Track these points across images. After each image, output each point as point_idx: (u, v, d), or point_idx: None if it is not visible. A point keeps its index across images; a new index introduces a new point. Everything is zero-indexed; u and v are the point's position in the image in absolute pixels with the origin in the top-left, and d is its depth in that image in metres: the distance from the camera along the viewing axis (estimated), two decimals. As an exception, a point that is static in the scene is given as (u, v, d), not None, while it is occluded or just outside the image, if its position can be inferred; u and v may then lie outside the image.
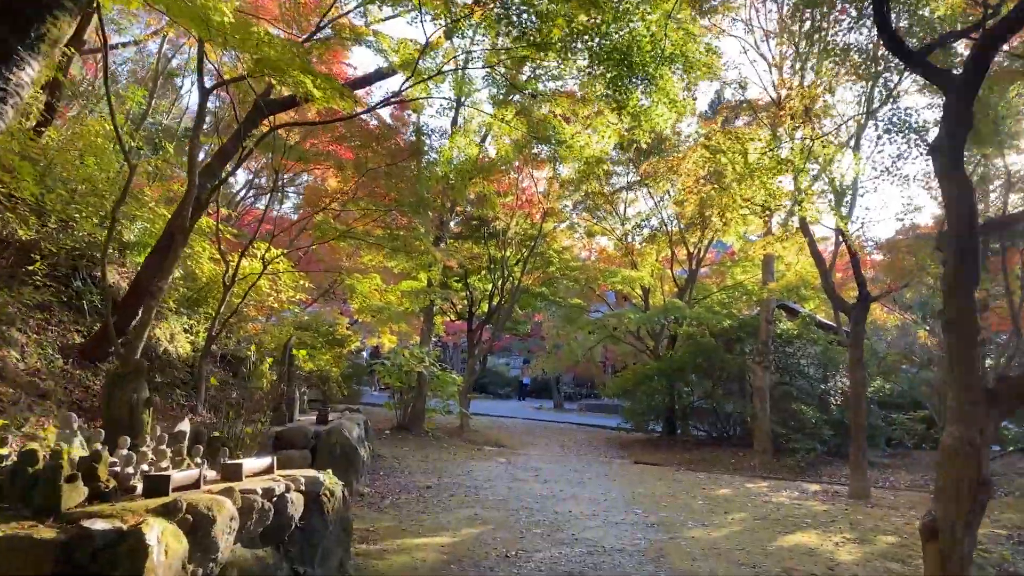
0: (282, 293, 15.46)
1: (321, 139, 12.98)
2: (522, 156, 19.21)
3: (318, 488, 5.80)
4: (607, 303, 26.60)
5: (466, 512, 9.29)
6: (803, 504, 11.25)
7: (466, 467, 13.98)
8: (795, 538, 8.48)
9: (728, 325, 18.75)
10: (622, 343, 24.04)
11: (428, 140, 15.02)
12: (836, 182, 10.86)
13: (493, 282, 22.27)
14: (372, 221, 13.14)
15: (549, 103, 9.91)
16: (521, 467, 14.45)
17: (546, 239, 22.82)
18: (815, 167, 10.81)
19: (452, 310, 25.26)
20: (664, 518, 9.40)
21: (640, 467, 15.93)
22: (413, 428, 17.31)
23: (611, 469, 15.09)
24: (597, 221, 23.66)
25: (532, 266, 22.40)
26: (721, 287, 22.49)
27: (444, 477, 12.51)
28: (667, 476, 14.38)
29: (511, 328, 29.93)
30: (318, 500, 5.79)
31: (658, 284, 22.78)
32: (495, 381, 40.67)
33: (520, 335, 37.88)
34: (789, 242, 15.76)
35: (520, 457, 16.34)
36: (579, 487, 12.06)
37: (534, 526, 8.57)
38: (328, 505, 5.87)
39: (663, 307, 20.09)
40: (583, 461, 16.54)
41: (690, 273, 21.63)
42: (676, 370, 19.61)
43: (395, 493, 10.69)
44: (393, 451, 15.41)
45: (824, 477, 15.68)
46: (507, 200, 21.48)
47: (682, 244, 21.57)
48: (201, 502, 4.41)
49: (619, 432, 21.95)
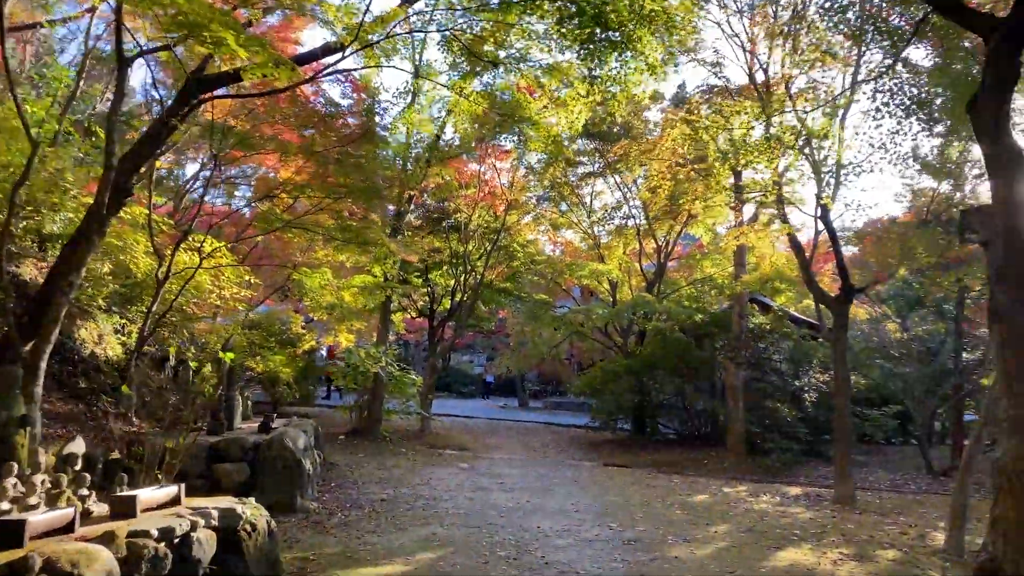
0: (225, 290, 14.29)
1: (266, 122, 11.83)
2: (484, 146, 18.27)
3: (235, 522, 4.80)
4: (573, 298, 25.75)
5: (423, 531, 8.31)
6: (787, 511, 10.48)
7: (425, 475, 13.00)
8: (788, 555, 7.67)
9: (699, 320, 17.99)
10: (589, 339, 23.21)
11: (381, 119, 13.91)
12: (820, 161, 10.06)
13: (455, 277, 21.26)
14: (323, 212, 12.06)
15: (513, 73, 8.96)
16: (484, 473, 13.51)
17: (510, 232, 21.87)
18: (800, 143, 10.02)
19: (413, 307, 24.20)
20: (642, 533, 8.53)
21: (610, 470, 15.09)
22: (369, 433, 16.24)
23: (580, 473, 14.22)
24: (563, 213, 22.76)
25: (495, 260, 21.44)
26: (690, 281, 21.74)
27: (401, 487, 11.51)
28: (640, 480, 13.55)
29: (474, 325, 28.90)
30: (235, 537, 4.78)
31: (626, 278, 21.97)
32: (459, 380, 39.65)
33: (484, 332, 36.89)
34: (764, 232, 15.06)
35: (483, 462, 15.40)
36: (547, 496, 11.15)
37: (499, 547, 7.64)
38: (249, 543, 4.87)
39: (632, 302, 19.29)
40: (550, 465, 15.65)
41: (659, 266, 20.85)
42: (645, 367, 18.82)
43: (345, 509, 9.67)
44: (347, 458, 14.35)
45: (802, 478, 15.02)
46: (469, 192, 20.51)
47: (650, 237, 20.78)
48: (64, 556, 3.39)
49: (586, 431, 21.13)
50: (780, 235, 18.76)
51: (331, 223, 12.76)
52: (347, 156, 11.26)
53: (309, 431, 11.90)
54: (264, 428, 10.50)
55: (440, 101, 13.35)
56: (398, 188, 15.70)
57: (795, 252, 12.28)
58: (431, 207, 22.08)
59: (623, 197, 21.34)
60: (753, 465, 15.79)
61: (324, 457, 13.10)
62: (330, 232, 12.49)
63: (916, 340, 17.34)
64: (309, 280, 13.70)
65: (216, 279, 14.09)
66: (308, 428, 11.95)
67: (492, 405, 32.37)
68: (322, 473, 12.06)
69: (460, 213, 20.53)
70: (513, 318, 28.69)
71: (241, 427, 10.98)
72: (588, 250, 23.37)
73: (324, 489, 11.12)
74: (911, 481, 14.66)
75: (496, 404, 33.07)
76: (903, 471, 15.73)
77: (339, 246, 13.31)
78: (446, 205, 21.30)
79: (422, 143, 16.30)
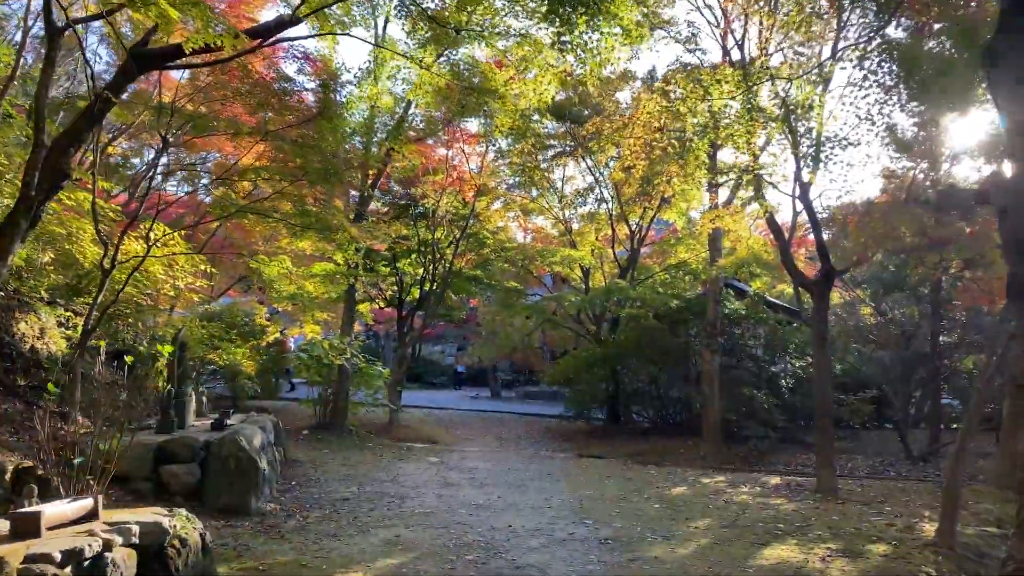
0: (179, 280, 13.56)
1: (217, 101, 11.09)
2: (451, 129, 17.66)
3: (162, 538, 4.21)
4: (545, 286, 25.25)
5: (386, 534, 7.76)
6: (769, 503, 10.08)
7: (392, 470, 12.44)
8: (774, 552, 7.24)
9: (675, 306, 17.58)
10: (562, 327, 22.73)
11: (340, 97, 13.11)
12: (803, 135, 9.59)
13: (424, 265, 20.64)
14: (283, 197, 11.36)
15: (477, 42, 8.33)
16: (455, 468, 12.98)
17: (479, 219, 21.30)
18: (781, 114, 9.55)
19: (381, 297, 23.53)
20: (619, 531, 8.06)
21: (585, 462, 14.65)
22: (335, 427, 15.60)
23: (554, 466, 13.74)
24: (533, 199, 22.22)
25: (465, 247, 20.85)
26: (664, 267, 21.32)
27: (366, 485, 10.94)
28: (615, 472, 13.11)
29: (445, 315, 28.29)
30: (161, 555, 4.19)
31: (598, 264, 21.50)
32: (430, 370, 39.06)
33: (455, 322, 36.32)
34: (740, 214, 14.66)
35: (454, 455, 14.87)
36: (519, 492, 10.65)
37: (467, 549, 7.11)
38: (177, 560, 4.28)
39: (605, 288, 18.82)
40: (523, 457, 15.17)
41: (632, 252, 20.39)
42: (619, 355, 18.39)
43: (305, 510, 9.08)
44: (311, 454, 13.73)
45: (780, 466, 14.73)
46: (438, 178, 19.90)
47: (623, 222, 20.31)
48: (-71, 594, 2.79)
49: (560, 421, 20.68)
50: (757, 217, 18.46)
51: (290, 208, 12.07)
52: (303, 136, 10.58)
53: (268, 427, 11.26)
54: (218, 426, 9.84)
55: (403, 80, 12.71)
56: (360, 171, 15.01)
57: (773, 233, 11.86)
58: (398, 193, 21.43)
59: (595, 180, 20.82)
60: (730, 453, 15.47)
61: (285, 454, 12.47)
62: (288, 218, 11.80)
63: (892, 324, 17.09)
64: (268, 269, 13.00)
65: (170, 269, 13.37)
66: (267, 424, 11.32)
67: (464, 396, 31.83)
68: (283, 471, 11.44)
69: (428, 199, 19.91)
70: (484, 307, 28.14)
71: (195, 425, 10.31)
72: (559, 236, 22.88)
73: (284, 488, 10.51)
74: (890, 467, 14.42)
75: (468, 395, 32.54)
76: (882, 456, 15.51)
77: (298, 232, 12.63)
78: (413, 191, 20.67)
79: (386, 126, 15.62)
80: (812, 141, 10.17)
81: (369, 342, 39.72)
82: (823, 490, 10.81)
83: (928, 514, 9.21)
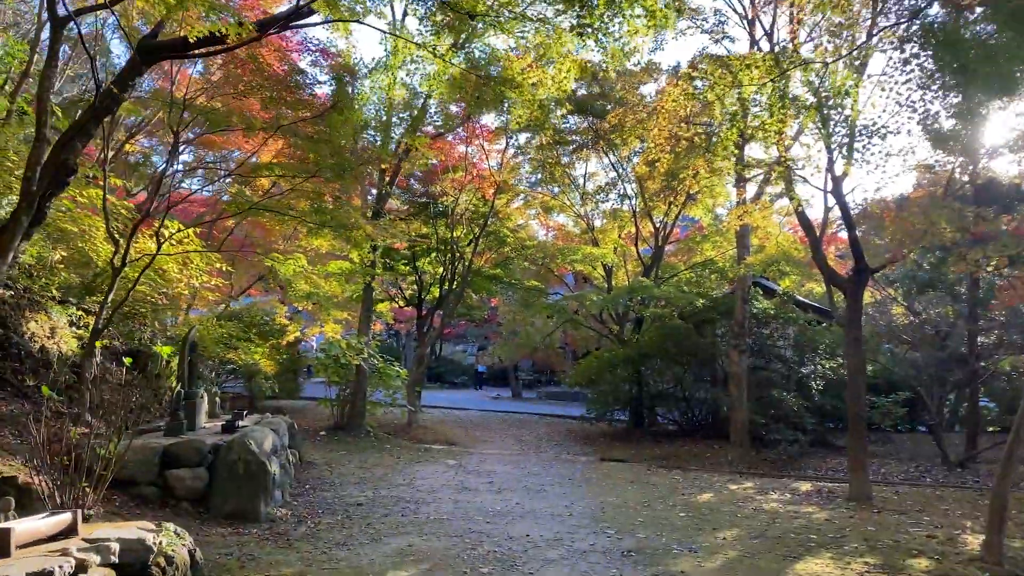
0: (194, 278, 13.35)
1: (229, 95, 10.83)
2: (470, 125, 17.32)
3: (144, 556, 3.89)
4: (567, 285, 24.83)
5: (399, 542, 7.42)
6: (800, 511, 9.61)
7: (409, 474, 12.13)
8: (808, 566, 6.79)
9: (701, 305, 17.08)
10: (583, 327, 22.31)
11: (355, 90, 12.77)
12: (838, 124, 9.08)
13: (443, 264, 20.36)
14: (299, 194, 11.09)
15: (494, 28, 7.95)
16: (473, 471, 12.64)
17: (499, 217, 20.98)
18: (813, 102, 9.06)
19: (400, 296, 23.29)
20: (643, 541, 7.65)
21: (607, 466, 14.24)
22: (352, 428, 15.35)
23: (575, 470, 13.36)
24: (554, 196, 21.82)
25: (485, 246, 20.55)
26: (690, 265, 20.81)
27: (381, 489, 10.63)
28: (638, 477, 12.70)
29: (465, 314, 28.02)
30: (145, 573, 3.86)
31: (621, 263, 21.03)
32: (451, 370, 38.80)
33: (476, 321, 36.05)
34: (769, 210, 14.18)
35: (472, 457, 14.54)
36: (538, 497, 10.28)
37: (481, 562, 6.75)
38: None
39: (628, 287, 18.37)
40: (543, 460, 14.79)
41: (656, 250, 19.90)
42: (643, 356, 17.93)
43: (316, 515, 8.78)
44: (327, 456, 13.48)
45: (811, 471, 14.20)
46: (457, 176, 19.62)
47: (647, 218, 19.82)
48: None
49: (582, 423, 20.26)
50: (787, 214, 17.91)
51: (305, 206, 11.79)
52: (318, 131, 10.28)
53: (282, 429, 11.01)
54: (229, 428, 9.58)
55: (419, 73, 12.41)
56: (376, 167, 14.71)
57: (804, 229, 11.37)
58: (417, 191, 21.16)
59: (618, 176, 20.34)
60: (758, 458, 14.96)
61: (300, 456, 12.22)
62: (303, 215, 11.51)
63: (926, 324, 16.46)
64: (284, 267, 12.73)
65: (184, 267, 13.17)
66: (281, 426, 11.06)
67: (484, 396, 31.51)
68: (297, 474, 11.18)
69: (447, 197, 19.64)
70: (505, 306, 27.78)
71: (206, 426, 10.07)
72: (581, 234, 22.45)
73: (297, 492, 10.24)
74: (926, 473, 13.83)
75: (488, 395, 32.21)
76: (916, 462, 14.91)
77: (313, 230, 12.35)
78: (432, 189, 20.43)
79: (404, 121, 15.33)
80: (847, 130, 9.67)
81: (390, 341, 39.61)
82: (856, 497, 10.33)
83: (970, 525, 8.71)
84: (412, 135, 13.68)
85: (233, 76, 10.38)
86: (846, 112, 8.73)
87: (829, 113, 8.59)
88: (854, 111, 9.45)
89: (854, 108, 9.46)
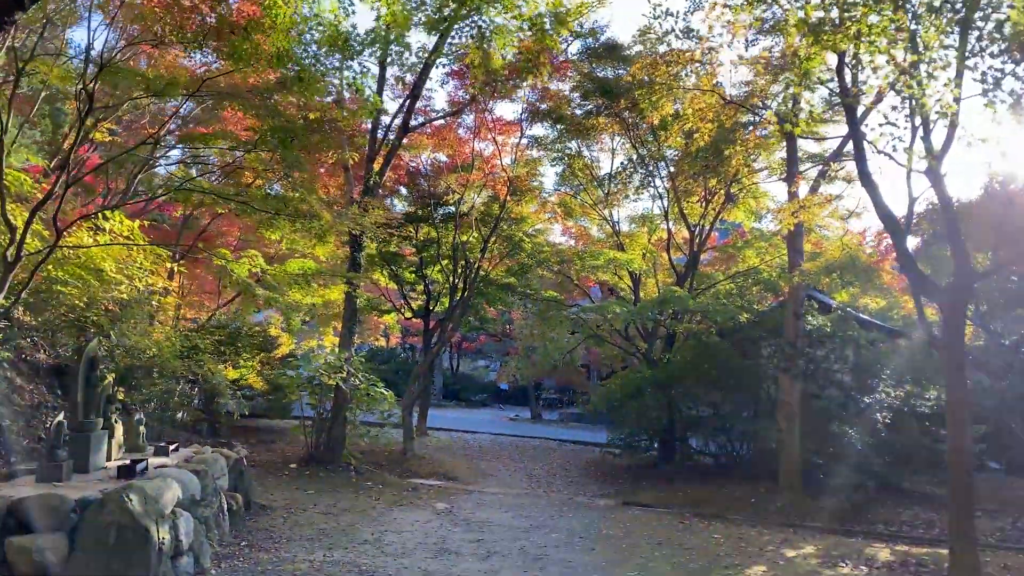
0: (137, 280, 11.17)
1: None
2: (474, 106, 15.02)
3: None
4: (591, 298, 22.28)
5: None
6: (890, 602, 7.05)
7: (382, 524, 9.75)
8: None
9: (746, 320, 14.48)
10: (608, 344, 19.80)
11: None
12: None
13: (452, 271, 18.09)
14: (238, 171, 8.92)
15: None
16: (462, 522, 10.22)
17: (514, 219, 18.70)
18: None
19: (406, 307, 21.06)
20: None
21: (631, 515, 11.71)
22: (329, 460, 13.00)
23: (589, 521, 10.85)
24: (575, 192, 19.40)
25: (498, 250, 18.27)
26: (729, 275, 18.17)
27: (337, 549, 8.28)
28: (669, 535, 10.16)
29: (479, 327, 25.70)
30: None
31: (650, 270, 18.44)
32: (468, 387, 36.36)
33: (495, 335, 33.71)
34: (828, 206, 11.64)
35: (469, 500, 12.12)
36: (536, 567, 7.84)
37: None
38: None
39: (659, 298, 15.81)
40: (553, 504, 12.32)
41: (691, 256, 17.27)
42: (675, 378, 15.36)
43: (229, 596, 6.43)
44: (290, 496, 11.16)
45: (881, 525, 11.56)
46: (466, 174, 17.48)
47: (681, 220, 17.25)
48: None
49: (603, 453, 17.66)
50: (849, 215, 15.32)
51: (259, 191, 9.54)
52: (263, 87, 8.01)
53: (215, 469, 8.70)
54: (126, 472, 7.26)
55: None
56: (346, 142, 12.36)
57: (886, 224, 8.81)
58: (424, 191, 18.97)
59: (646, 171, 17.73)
60: (814, 505, 12.30)
61: (248, 500, 9.90)
62: (251, 201, 9.25)
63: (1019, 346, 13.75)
64: (237, 268, 10.47)
65: (125, 263, 11.01)
66: (215, 465, 8.76)
67: (502, 417, 29.01)
68: (236, 525, 8.88)
69: (454, 194, 17.45)
70: (523, 320, 25.34)
71: (106, 467, 7.81)
72: (606, 238, 19.97)
73: (227, 553, 7.92)
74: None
75: (506, 415, 29.72)
76: (1011, 514, 12.16)
77: (265, 220, 10.09)
78: (439, 185, 18.28)
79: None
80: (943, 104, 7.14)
81: (405, 356, 37.37)
82: (959, 574, 7.72)
83: None
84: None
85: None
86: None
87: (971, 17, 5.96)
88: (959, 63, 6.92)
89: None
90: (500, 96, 16.76)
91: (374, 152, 13.28)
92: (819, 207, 10.93)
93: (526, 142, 17.54)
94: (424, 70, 12.95)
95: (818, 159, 15.32)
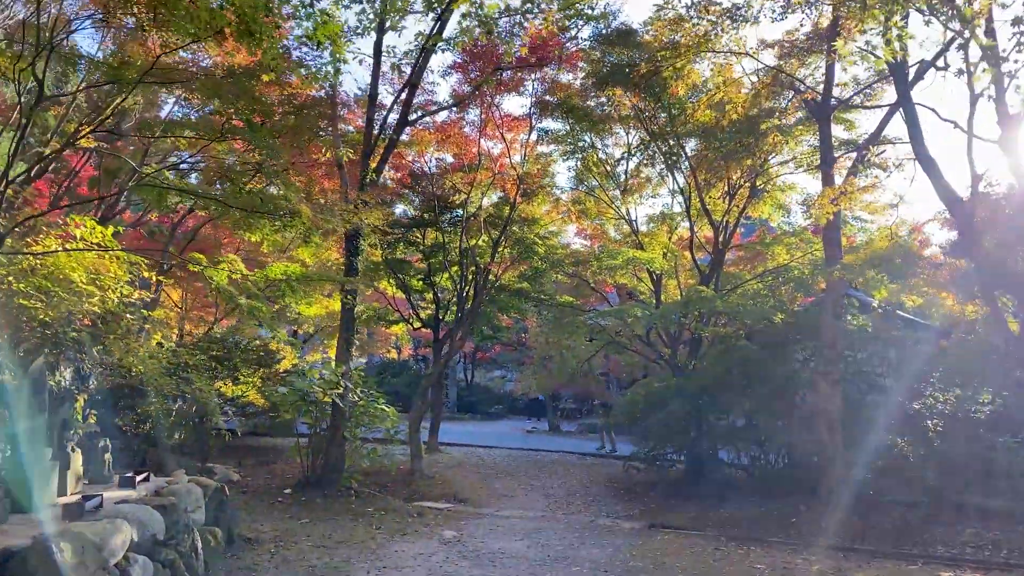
0: (110, 291, 10.16)
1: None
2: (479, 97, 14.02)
3: None
4: (609, 303, 21.10)
5: None
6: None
7: (382, 559, 8.65)
8: None
9: (779, 322, 13.25)
10: (628, 351, 18.61)
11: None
12: None
13: (461, 278, 17.06)
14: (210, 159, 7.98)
15: None
16: (471, 554, 9.10)
17: (525, 220, 17.67)
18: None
19: (415, 317, 20.05)
20: None
21: (658, 541, 10.49)
22: (326, 483, 11.91)
23: (613, 550, 9.67)
24: (590, 191, 18.30)
25: (508, 253, 17.23)
26: (756, 274, 16.91)
27: (323, 593, 7.18)
28: (702, 563, 9.01)
29: (491, 336, 24.59)
30: None
31: (672, 270, 17.18)
32: (483, 399, 35.19)
33: (510, 344, 32.60)
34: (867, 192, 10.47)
35: (480, 526, 11.00)
36: (553, 614, 6.71)
37: None
38: None
39: (683, 300, 14.63)
40: (573, 529, 11.16)
41: (716, 254, 16.02)
42: (703, 386, 14.16)
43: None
44: (282, 526, 10.11)
45: (942, 547, 10.31)
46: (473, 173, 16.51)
47: (704, 216, 16.02)
48: None
49: (627, 468, 16.36)
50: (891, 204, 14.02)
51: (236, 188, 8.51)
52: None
53: (188, 502, 7.65)
54: (73, 512, 6.22)
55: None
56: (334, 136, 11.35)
57: (948, 207, 7.66)
58: (429, 193, 17.97)
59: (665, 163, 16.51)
60: (864, 527, 11.06)
61: (230, 535, 8.85)
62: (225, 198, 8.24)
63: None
64: (215, 274, 9.44)
65: (98, 273, 10.02)
66: (188, 498, 7.71)
67: (519, 429, 27.84)
68: (213, 565, 7.83)
69: (459, 195, 16.44)
70: (538, 328, 24.19)
71: (57, 503, 6.77)
72: (624, 238, 18.81)
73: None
74: None
75: (524, 427, 28.56)
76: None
77: (243, 220, 9.07)
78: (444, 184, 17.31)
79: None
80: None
81: (418, 368, 36.32)
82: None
83: None
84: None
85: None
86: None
87: None
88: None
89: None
90: (506, 89, 15.79)
91: (370, 147, 12.24)
92: (862, 191, 9.73)
93: (535, 137, 16.53)
94: (423, 56, 11.93)
95: (851, 146, 14.12)
